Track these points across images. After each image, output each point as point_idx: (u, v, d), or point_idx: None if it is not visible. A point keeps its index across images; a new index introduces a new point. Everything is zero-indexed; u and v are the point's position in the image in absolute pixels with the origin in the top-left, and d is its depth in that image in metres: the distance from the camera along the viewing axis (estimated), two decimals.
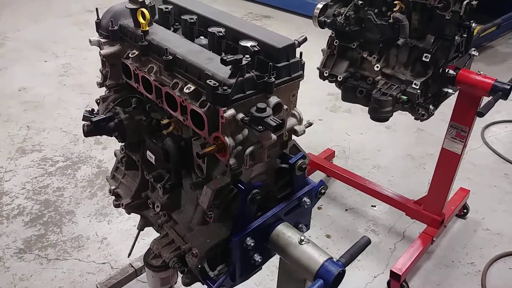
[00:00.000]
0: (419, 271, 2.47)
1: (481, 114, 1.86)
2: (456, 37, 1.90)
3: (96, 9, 1.45)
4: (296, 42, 1.22)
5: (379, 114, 1.98)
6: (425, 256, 2.53)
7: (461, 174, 2.54)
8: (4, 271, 2.38)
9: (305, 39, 1.30)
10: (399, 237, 2.69)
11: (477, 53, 2.12)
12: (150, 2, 1.39)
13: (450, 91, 2.03)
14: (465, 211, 2.83)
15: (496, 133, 3.71)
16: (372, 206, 2.92)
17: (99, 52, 1.42)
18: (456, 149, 2.26)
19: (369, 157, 3.38)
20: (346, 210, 2.89)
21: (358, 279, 2.40)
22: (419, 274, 2.45)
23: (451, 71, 1.96)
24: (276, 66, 1.15)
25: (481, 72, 1.99)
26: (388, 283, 2.34)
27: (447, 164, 2.34)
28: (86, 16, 5.68)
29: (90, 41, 1.44)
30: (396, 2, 1.89)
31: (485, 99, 1.99)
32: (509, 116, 3.90)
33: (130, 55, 1.36)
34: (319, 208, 2.86)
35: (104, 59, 1.43)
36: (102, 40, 1.43)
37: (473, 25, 1.93)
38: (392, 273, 2.27)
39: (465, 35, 1.97)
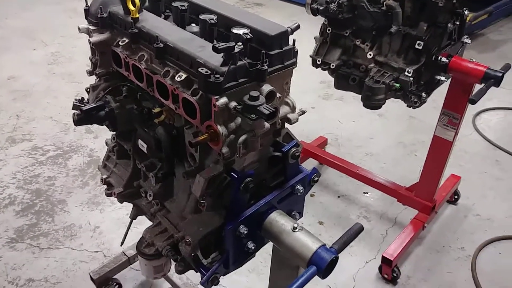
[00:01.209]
0: (410, 256, 2.50)
1: (473, 102, 1.87)
2: (449, 25, 1.90)
3: None
4: (289, 29, 1.20)
5: (371, 102, 1.98)
6: (416, 241, 2.57)
7: (452, 160, 2.56)
8: None
9: (298, 27, 1.29)
10: (391, 223, 2.72)
11: (470, 40, 2.12)
12: None
13: (442, 78, 2.03)
14: (456, 197, 2.86)
15: (488, 120, 3.74)
16: (364, 193, 2.94)
17: (89, 39, 1.39)
18: (448, 136, 2.27)
19: (361, 144, 3.39)
20: (339, 197, 2.91)
21: (350, 265, 2.43)
22: (410, 259, 2.49)
23: (443, 59, 1.96)
24: (269, 54, 1.14)
25: (474, 60, 1.99)
26: (380, 268, 2.37)
27: (439, 151, 2.36)
28: (75, 3, 5.58)
29: (79, 28, 1.41)
30: None
31: (477, 87, 2.00)
32: (500, 103, 3.93)
33: (120, 43, 1.33)
34: (311, 195, 2.88)
35: (93, 47, 1.40)
36: (91, 27, 1.40)
37: (466, 12, 1.93)
38: (384, 259, 2.30)
39: (457, 23, 1.97)
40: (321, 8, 2.04)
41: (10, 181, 2.90)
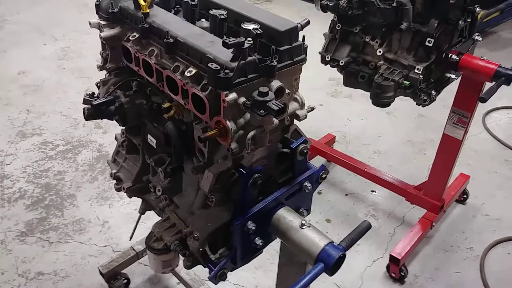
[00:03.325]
0: (418, 255, 2.49)
1: (484, 100, 1.85)
2: (460, 22, 1.88)
3: None
4: (299, 25, 1.20)
5: (380, 99, 1.97)
6: (424, 241, 2.55)
7: (462, 159, 2.53)
8: (6, 254, 2.40)
9: (308, 22, 1.28)
10: (399, 222, 2.71)
11: (481, 38, 2.10)
12: None
13: (452, 76, 2.01)
14: (464, 196, 2.84)
15: (497, 119, 3.70)
16: (372, 191, 2.93)
17: (99, 34, 1.40)
18: (457, 135, 2.25)
19: (370, 142, 3.37)
20: (346, 195, 2.90)
21: (357, 263, 2.42)
22: (418, 258, 2.47)
23: (454, 56, 1.94)
24: (279, 50, 1.14)
25: (484, 58, 1.97)
26: (387, 267, 2.36)
27: (448, 149, 2.34)
28: None
29: (90, 23, 1.42)
30: None
31: (487, 85, 1.98)
32: (510, 102, 3.88)
33: (130, 37, 1.34)
34: (319, 193, 2.87)
35: (104, 41, 1.41)
36: (102, 22, 1.41)
37: (477, 9, 1.91)
38: (391, 257, 2.29)
39: (469, 20, 1.95)
40: (330, 4, 2.03)
41: (20, 175, 2.93)
